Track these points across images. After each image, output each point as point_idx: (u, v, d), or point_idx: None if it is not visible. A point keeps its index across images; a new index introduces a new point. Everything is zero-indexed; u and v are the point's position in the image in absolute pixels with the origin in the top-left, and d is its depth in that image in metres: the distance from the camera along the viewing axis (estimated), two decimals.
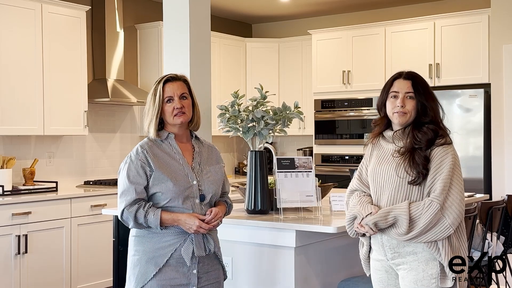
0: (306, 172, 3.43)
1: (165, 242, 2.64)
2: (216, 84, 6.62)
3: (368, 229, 2.53)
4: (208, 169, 2.78)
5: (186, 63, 4.08)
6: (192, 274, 2.66)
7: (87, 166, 6.03)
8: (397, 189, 2.55)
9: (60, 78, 5.42)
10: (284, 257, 3.16)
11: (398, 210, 2.49)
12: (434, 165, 2.51)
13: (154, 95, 2.72)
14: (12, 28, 5.07)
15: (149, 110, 2.72)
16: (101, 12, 6.00)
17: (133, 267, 2.68)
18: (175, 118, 2.70)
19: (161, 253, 2.63)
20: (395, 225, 2.50)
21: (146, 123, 2.74)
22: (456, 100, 5.84)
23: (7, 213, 4.71)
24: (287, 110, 3.42)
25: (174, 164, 2.69)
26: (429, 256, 2.50)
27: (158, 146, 2.72)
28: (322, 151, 6.84)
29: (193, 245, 2.65)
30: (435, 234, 2.46)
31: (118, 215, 2.67)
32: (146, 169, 2.64)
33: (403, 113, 2.58)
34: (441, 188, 2.47)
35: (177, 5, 4.14)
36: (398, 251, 2.56)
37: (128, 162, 2.67)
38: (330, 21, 7.39)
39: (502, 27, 5.67)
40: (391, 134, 2.64)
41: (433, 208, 2.45)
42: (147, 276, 2.62)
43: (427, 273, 2.50)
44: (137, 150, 2.69)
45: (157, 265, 2.62)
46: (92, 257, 5.32)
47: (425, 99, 2.58)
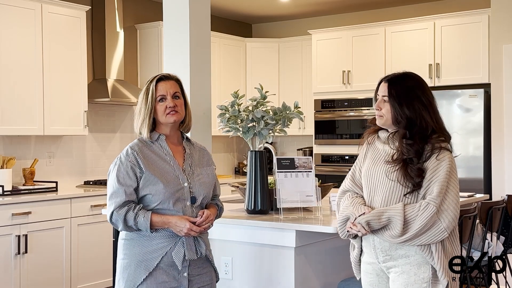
0: (306, 172, 3.43)
1: (155, 246, 2.59)
2: (216, 84, 6.62)
3: (361, 228, 2.48)
4: (199, 171, 2.74)
5: (186, 63, 4.08)
6: (183, 277, 2.62)
7: (87, 166, 6.03)
8: (390, 191, 2.52)
9: (60, 78, 5.42)
10: (284, 257, 3.16)
11: (392, 211, 2.46)
12: (430, 168, 2.47)
13: (146, 94, 2.67)
14: (12, 28, 5.07)
15: (141, 110, 2.68)
16: (101, 12, 6.00)
17: (123, 270, 2.63)
18: (168, 117, 2.66)
19: (152, 257, 2.59)
20: (388, 227, 2.47)
21: (138, 124, 2.69)
22: (456, 100, 5.84)
23: (7, 213, 4.71)
24: (287, 110, 3.42)
25: (165, 166, 2.65)
26: (421, 260, 2.47)
27: (149, 147, 2.67)
28: (322, 151, 6.84)
29: (184, 248, 2.60)
30: (429, 238, 2.43)
31: (108, 219, 2.62)
32: (136, 171, 2.60)
33: (379, 116, 2.58)
34: (438, 190, 2.43)
35: (177, 5, 4.14)
36: (390, 253, 2.52)
37: (117, 163, 2.64)
38: (330, 21, 7.39)
39: (502, 27, 5.67)
40: (386, 136, 2.62)
41: (429, 211, 2.42)
42: (137, 280, 2.58)
43: (419, 277, 2.47)
44: (127, 151, 2.65)
45: (147, 269, 2.58)
46: (92, 257, 5.32)
47: (398, 103, 2.52)
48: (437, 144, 2.49)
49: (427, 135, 2.50)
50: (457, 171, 2.57)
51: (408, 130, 2.50)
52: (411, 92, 2.53)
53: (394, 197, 2.51)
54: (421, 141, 2.49)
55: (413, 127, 2.50)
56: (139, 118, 2.68)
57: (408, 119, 2.50)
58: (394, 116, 2.52)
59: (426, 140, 2.50)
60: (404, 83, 2.57)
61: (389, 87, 2.57)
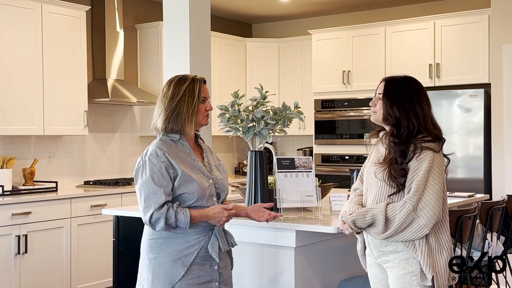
0: (306, 172, 3.43)
1: (190, 242, 2.64)
2: (216, 84, 6.62)
3: (347, 226, 2.67)
4: (216, 169, 2.82)
5: (186, 63, 4.08)
6: (214, 271, 2.68)
7: (87, 166, 6.03)
8: (380, 190, 2.66)
9: (60, 78, 5.42)
10: (284, 257, 3.16)
11: (375, 210, 2.61)
12: (412, 168, 2.58)
13: (191, 93, 2.69)
14: (12, 28, 5.07)
15: (181, 109, 2.67)
16: (101, 12, 6.00)
17: (155, 270, 2.63)
18: (205, 119, 2.76)
19: (188, 252, 2.62)
20: (373, 225, 2.62)
21: (179, 122, 2.67)
22: (456, 100, 5.84)
23: (7, 213, 4.71)
24: (287, 110, 3.42)
25: (193, 164, 2.70)
26: (408, 255, 2.60)
27: (173, 147, 2.69)
28: (322, 151, 6.84)
29: (218, 241, 2.67)
30: (410, 234, 2.56)
31: (144, 219, 2.61)
32: (170, 171, 2.61)
33: (373, 112, 2.72)
34: (414, 189, 2.55)
35: (177, 5, 4.14)
36: (382, 250, 2.66)
37: (148, 164, 2.62)
38: (330, 21, 7.39)
39: (502, 27, 5.67)
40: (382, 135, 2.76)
41: (406, 209, 2.54)
42: (174, 277, 2.60)
43: (408, 270, 2.59)
44: (156, 153, 2.63)
45: (184, 265, 2.61)
46: (92, 257, 5.32)
47: (389, 102, 2.64)
48: (419, 144, 2.59)
49: (413, 136, 2.61)
50: (457, 171, 2.62)
51: (396, 129, 2.63)
52: (404, 93, 2.66)
53: (382, 196, 2.65)
54: (406, 141, 2.61)
55: (400, 127, 2.62)
56: (180, 117, 2.68)
57: (396, 119, 2.63)
58: (384, 114, 2.67)
59: (411, 139, 2.61)
60: (400, 84, 2.70)
61: (385, 85, 2.71)
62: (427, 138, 2.60)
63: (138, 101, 5.94)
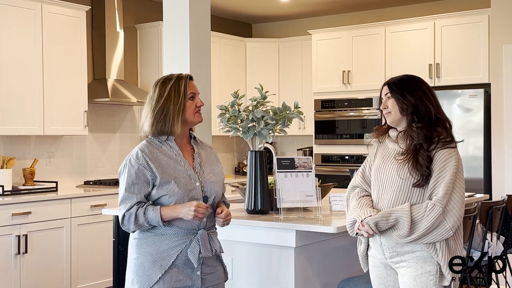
0: (306, 172, 3.43)
1: (170, 244, 2.58)
2: (216, 84, 6.62)
3: (368, 228, 2.56)
4: (209, 170, 2.73)
5: (186, 63, 4.08)
6: (196, 276, 2.61)
7: (87, 166, 6.03)
8: (398, 190, 2.59)
9: (60, 78, 5.42)
10: (284, 257, 3.16)
11: (399, 212, 2.53)
12: (437, 167, 2.55)
13: (176, 91, 2.64)
14: (12, 28, 5.07)
15: (169, 108, 2.61)
16: (101, 12, 6.00)
17: (136, 270, 2.61)
18: (196, 116, 2.68)
19: (167, 255, 2.57)
20: (396, 227, 2.55)
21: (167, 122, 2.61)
22: (456, 100, 5.84)
23: (7, 213, 4.71)
24: (287, 110, 3.42)
25: (176, 166, 2.63)
26: (427, 255, 2.56)
27: (158, 148, 2.64)
28: (322, 151, 6.84)
29: (199, 246, 2.59)
30: (435, 237, 2.52)
31: (120, 223, 2.60)
32: (147, 174, 2.57)
33: (387, 113, 2.69)
34: (444, 191, 2.51)
35: (177, 5, 4.13)
36: (397, 250, 2.61)
37: (127, 166, 2.60)
38: (330, 21, 7.39)
39: (502, 27, 5.67)
40: (396, 134, 2.70)
41: (435, 212, 2.50)
42: (152, 279, 2.56)
43: (425, 270, 2.55)
44: (137, 154, 2.61)
45: (162, 268, 2.56)
46: (92, 257, 5.32)
47: (400, 94, 2.64)
48: (442, 138, 2.58)
49: (433, 121, 2.60)
50: None
51: (416, 115, 2.61)
52: (411, 83, 2.68)
53: (402, 196, 2.58)
54: (429, 125, 2.59)
55: (420, 112, 2.61)
56: (168, 116, 2.61)
57: (413, 106, 2.62)
58: (400, 106, 2.64)
59: (433, 125, 2.59)
60: (403, 80, 2.70)
61: (389, 86, 2.70)
62: (444, 135, 2.59)
63: (138, 101, 5.94)
